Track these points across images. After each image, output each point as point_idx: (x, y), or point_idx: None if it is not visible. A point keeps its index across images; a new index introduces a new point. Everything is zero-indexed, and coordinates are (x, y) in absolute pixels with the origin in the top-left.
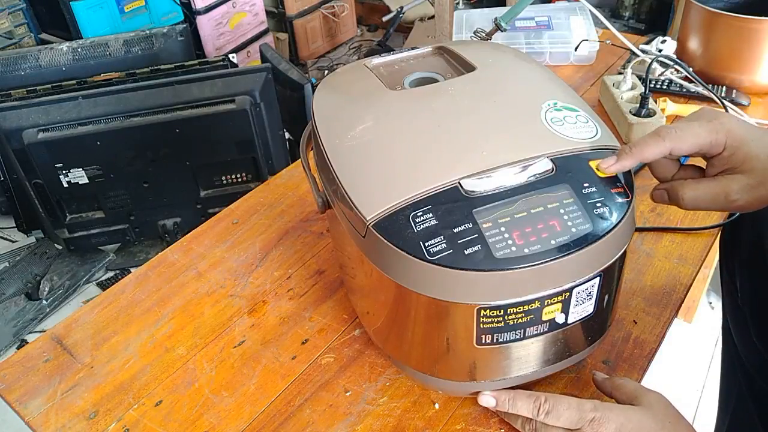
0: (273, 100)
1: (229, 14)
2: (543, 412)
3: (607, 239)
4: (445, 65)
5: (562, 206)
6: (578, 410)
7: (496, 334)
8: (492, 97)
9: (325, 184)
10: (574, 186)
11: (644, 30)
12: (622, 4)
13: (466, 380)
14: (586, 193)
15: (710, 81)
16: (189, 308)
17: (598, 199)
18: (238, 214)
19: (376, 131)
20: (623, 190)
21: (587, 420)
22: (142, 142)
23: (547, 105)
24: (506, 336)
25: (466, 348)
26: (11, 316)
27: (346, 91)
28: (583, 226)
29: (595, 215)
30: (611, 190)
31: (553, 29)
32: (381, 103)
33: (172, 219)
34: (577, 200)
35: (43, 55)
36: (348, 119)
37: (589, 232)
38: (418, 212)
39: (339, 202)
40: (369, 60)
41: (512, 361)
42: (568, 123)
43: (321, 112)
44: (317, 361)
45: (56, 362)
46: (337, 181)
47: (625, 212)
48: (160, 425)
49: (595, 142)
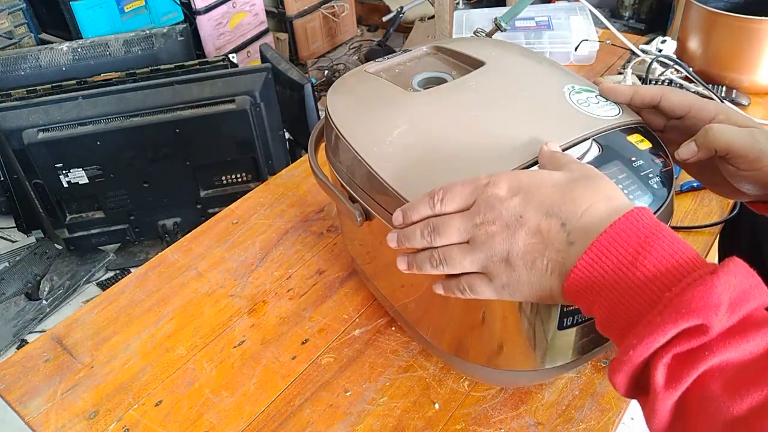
0: (273, 100)
1: (229, 14)
2: (439, 200)
3: (667, 206)
4: (448, 63)
5: (619, 182)
6: (472, 182)
7: (577, 315)
8: (514, 87)
9: (357, 194)
10: (624, 161)
11: (644, 30)
12: (622, 4)
13: (535, 368)
14: (636, 166)
15: (710, 81)
16: (189, 308)
17: (648, 171)
18: (238, 214)
19: (416, 134)
20: (664, 159)
21: (481, 185)
22: (142, 142)
23: (568, 89)
24: (585, 316)
25: (545, 334)
26: (11, 316)
27: (363, 99)
28: (643, 198)
29: (651, 186)
30: (656, 160)
31: (553, 29)
32: (407, 105)
33: (172, 219)
34: (631, 174)
35: (43, 55)
36: (378, 125)
37: (651, 202)
38: None
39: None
40: (368, 66)
41: (584, 343)
42: (592, 103)
43: (343, 121)
44: (317, 361)
45: (56, 362)
46: (390, 188)
47: (673, 179)
48: (160, 425)
49: (621, 118)
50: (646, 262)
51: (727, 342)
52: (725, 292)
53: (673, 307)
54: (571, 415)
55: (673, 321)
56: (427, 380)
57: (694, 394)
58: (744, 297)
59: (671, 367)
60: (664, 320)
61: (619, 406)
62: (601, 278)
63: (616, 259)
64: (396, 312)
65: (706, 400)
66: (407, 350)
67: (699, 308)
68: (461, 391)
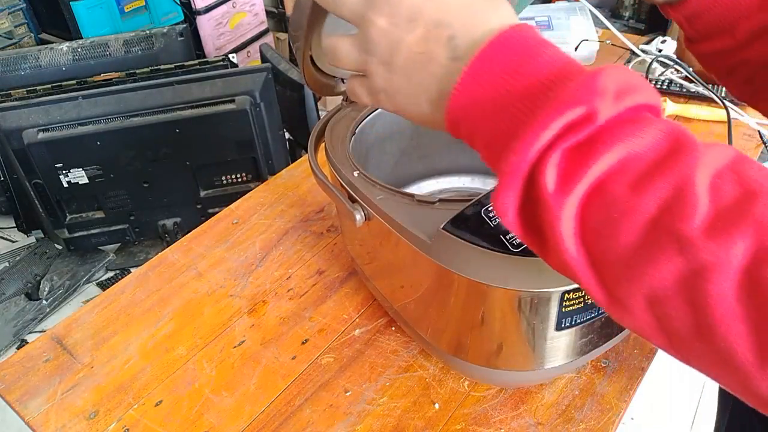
0: (273, 100)
1: (229, 14)
2: None
3: None
4: None
5: None
6: None
7: (575, 315)
8: None
9: (357, 195)
10: None
11: (644, 30)
12: (622, 4)
13: (535, 368)
14: None
15: (710, 81)
16: (189, 308)
17: None
18: (238, 214)
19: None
20: None
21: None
22: (142, 142)
23: None
24: (584, 316)
25: (543, 335)
26: (11, 316)
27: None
28: None
29: None
30: None
31: (553, 29)
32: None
33: (172, 219)
34: None
35: (43, 55)
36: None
37: None
38: (488, 207)
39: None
40: None
41: (583, 343)
42: None
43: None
44: (317, 361)
45: (56, 362)
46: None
47: None
48: (160, 425)
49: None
50: (530, 68)
51: (617, 131)
52: (610, 82)
53: (554, 101)
54: (571, 415)
55: (555, 112)
56: (427, 380)
57: (595, 203)
58: (630, 88)
59: (561, 167)
60: (545, 115)
61: (619, 406)
62: (482, 95)
63: (499, 69)
64: (396, 312)
65: (610, 206)
66: (407, 350)
67: (582, 96)
68: (461, 391)
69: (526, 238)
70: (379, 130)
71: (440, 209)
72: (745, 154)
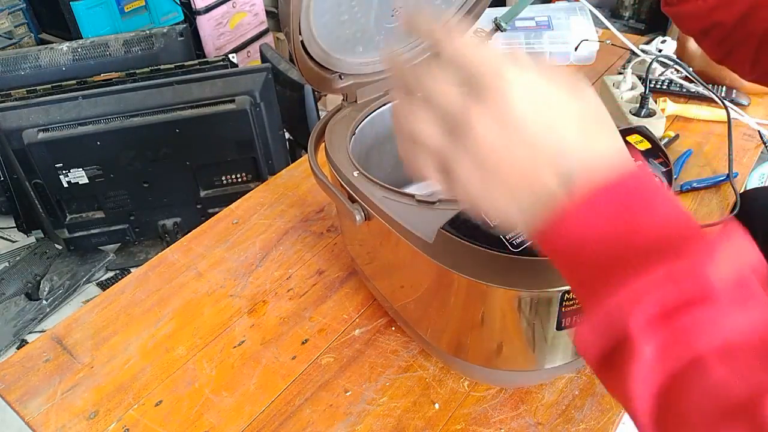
0: (273, 100)
1: (229, 14)
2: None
3: None
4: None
5: None
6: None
7: (576, 315)
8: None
9: (357, 195)
10: None
11: (644, 30)
12: (622, 4)
13: (535, 368)
14: None
15: (710, 81)
16: (189, 308)
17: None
18: (238, 214)
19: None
20: (663, 159)
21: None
22: (142, 142)
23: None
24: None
25: (543, 335)
26: (11, 316)
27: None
28: None
29: None
30: (655, 161)
31: (553, 29)
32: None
33: (172, 219)
34: None
35: (43, 55)
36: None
37: None
38: None
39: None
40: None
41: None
42: None
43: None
44: (317, 361)
45: (56, 362)
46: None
47: (672, 179)
48: (160, 425)
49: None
50: (645, 220)
51: (726, 309)
52: (726, 263)
53: (667, 263)
54: (571, 415)
55: (666, 279)
56: (427, 380)
57: (691, 377)
58: (746, 270)
59: (661, 338)
60: (657, 277)
61: (620, 406)
62: (591, 232)
63: (614, 212)
64: (396, 312)
65: (707, 385)
66: (407, 350)
67: (698, 271)
68: (461, 391)
69: (600, 373)
70: (379, 130)
71: (440, 209)
72: None
